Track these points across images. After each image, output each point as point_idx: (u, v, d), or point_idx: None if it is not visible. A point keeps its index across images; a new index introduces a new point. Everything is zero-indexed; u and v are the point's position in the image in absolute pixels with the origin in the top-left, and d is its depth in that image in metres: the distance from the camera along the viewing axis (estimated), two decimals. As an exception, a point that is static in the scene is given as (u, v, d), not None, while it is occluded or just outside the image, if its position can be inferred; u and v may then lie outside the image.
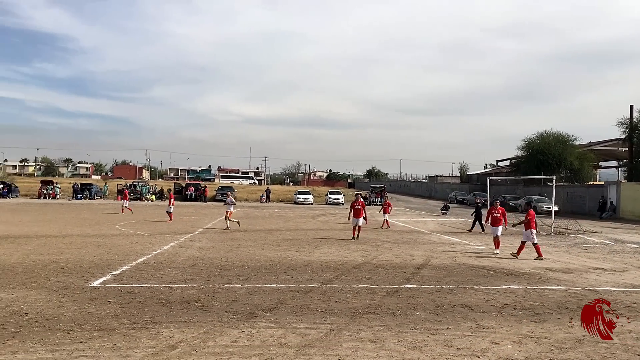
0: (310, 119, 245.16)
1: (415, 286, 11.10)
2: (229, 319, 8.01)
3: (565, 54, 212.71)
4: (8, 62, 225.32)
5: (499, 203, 18.68)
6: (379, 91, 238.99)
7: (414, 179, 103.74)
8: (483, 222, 24.91)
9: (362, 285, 11.04)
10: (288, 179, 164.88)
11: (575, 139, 53.52)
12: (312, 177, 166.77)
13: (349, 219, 21.40)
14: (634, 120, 44.54)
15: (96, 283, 10.66)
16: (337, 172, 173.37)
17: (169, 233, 21.59)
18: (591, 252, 18.09)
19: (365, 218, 20.99)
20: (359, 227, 20.67)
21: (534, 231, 16.12)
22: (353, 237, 20.32)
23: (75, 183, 58.62)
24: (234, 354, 6.36)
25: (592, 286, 11.48)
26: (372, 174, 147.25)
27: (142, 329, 7.37)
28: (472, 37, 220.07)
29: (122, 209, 33.89)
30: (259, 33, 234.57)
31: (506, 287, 11.25)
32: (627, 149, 47.09)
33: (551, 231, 25.00)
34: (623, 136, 46.66)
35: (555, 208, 41.25)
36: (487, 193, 50.26)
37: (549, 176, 29.07)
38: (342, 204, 54.36)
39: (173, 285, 10.56)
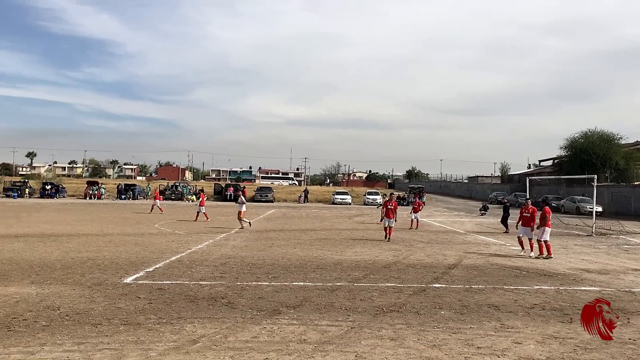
0: (351, 120, 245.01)
1: (444, 286, 11.01)
2: (253, 316, 8.13)
3: (611, 51, 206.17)
4: (59, 67, 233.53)
5: (530, 202, 17.71)
6: (420, 91, 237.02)
7: (454, 180, 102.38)
8: (508, 222, 25.24)
9: (389, 284, 11.01)
10: (328, 180, 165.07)
11: (620, 137, 51.95)
12: (351, 178, 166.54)
13: (380, 220, 21.27)
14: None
15: (129, 280, 10.95)
16: (377, 173, 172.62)
17: (205, 232, 21.97)
18: (632, 253, 17.54)
19: (395, 219, 20.67)
20: (391, 227, 20.46)
21: (547, 229, 15.95)
22: (386, 237, 20.16)
23: (120, 184, 60.20)
24: (252, 349, 6.46)
25: (629, 287, 11.15)
26: (411, 174, 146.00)
27: (167, 323, 7.55)
28: (514, 35, 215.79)
29: (152, 209, 33.94)
30: (299, 35, 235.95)
31: (537, 287, 11.04)
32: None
33: (592, 232, 24.33)
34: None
35: (599, 209, 40.29)
36: (527, 193, 49.37)
37: (589, 175, 28.19)
38: (380, 205, 54.22)
39: (202, 283, 10.76)
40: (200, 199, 29.79)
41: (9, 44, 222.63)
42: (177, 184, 61.29)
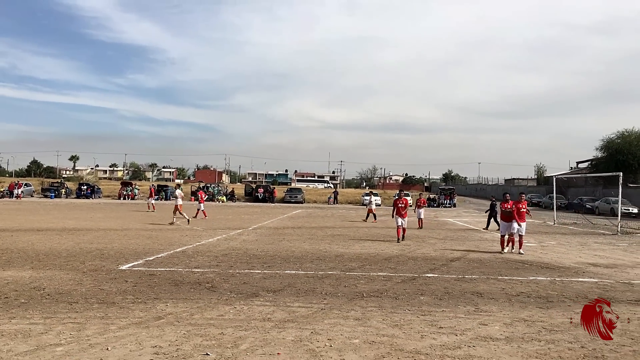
0: (389, 123, 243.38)
1: (437, 275, 10.89)
2: (228, 297, 8.23)
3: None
4: (103, 73, 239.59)
5: (524, 197, 16.51)
6: (460, 94, 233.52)
7: (490, 183, 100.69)
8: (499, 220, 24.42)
9: (381, 274, 10.96)
10: (364, 183, 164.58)
11: (659, 137, 50.19)
12: (387, 181, 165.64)
13: (392, 216, 19.52)
14: None
15: (125, 266, 11.20)
16: (413, 176, 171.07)
17: (222, 228, 22.24)
18: (651, 250, 16.96)
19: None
20: (404, 228, 18.69)
21: (522, 223, 15.65)
22: (398, 239, 18.27)
23: (153, 184, 61.44)
24: (212, 325, 6.55)
25: (629, 280, 10.81)
26: (448, 177, 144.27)
27: (140, 303, 7.72)
28: (558, 35, 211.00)
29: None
30: (338, 38, 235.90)
31: (532, 278, 10.81)
32: None
33: (617, 231, 23.61)
34: None
35: (635, 210, 39.13)
36: (558, 194, 48.21)
37: (616, 173, 27.33)
38: (410, 205, 53.84)
39: (195, 270, 10.93)
40: (200, 197, 30.68)
41: (57, 52, 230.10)
42: (209, 185, 62.16)
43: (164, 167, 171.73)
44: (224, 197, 56.67)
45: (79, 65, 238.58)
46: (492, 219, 25.13)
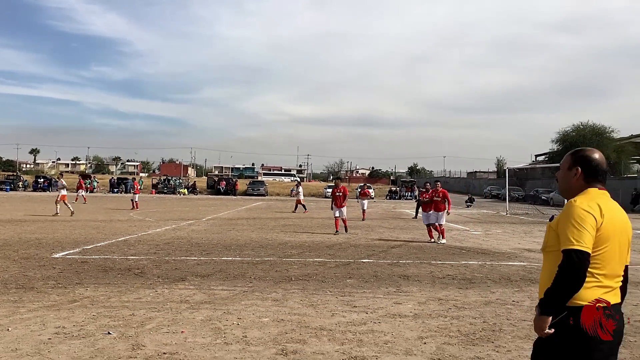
0: (358, 118, 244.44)
1: (372, 261, 11.04)
2: (154, 282, 8.21)
3: (619, 48, 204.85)
4: (68, 66, 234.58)
5: (440, 185, 16.20)
6: (428, 90, 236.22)
7: (454, 176, 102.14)
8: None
9: (318, 260, 11.06)
10: (331, 177, 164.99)
11: (612, 131, 51.59)
12: (354, 175, 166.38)
13: (331, 208, 17.93)
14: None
15: (59, 255, 11.05)
16: (380, 170, 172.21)
17: (175, 219, 22.06)
18: (590, 236, 17.46)
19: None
20: (344, 219, 17.39)
21: (440, 213, 15.33)
22: (336, 231, 17.00)
23: (112, 177, 60.59)
24: (126, 307, 6.54)
25: (557, 263, 11.13)
26: (413, 171, 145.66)
27: (60, 288, 7.65)
28: (525, 32, 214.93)
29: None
30: (308, 34, 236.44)
31: (464, 262, 11.06)
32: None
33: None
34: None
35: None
36: (517, 186, 49.17)
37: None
38: (372, 198, 54.53)
39: (130, 257, 10.85)
40: (135, 187, 31.26)
41: (20, 43, 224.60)
42: (170, 178, 61.56)
43: (128, 161, 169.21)
44: (185, 190, 56.21)
45: (42, 57, 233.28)
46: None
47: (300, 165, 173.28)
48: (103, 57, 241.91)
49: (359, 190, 29.38)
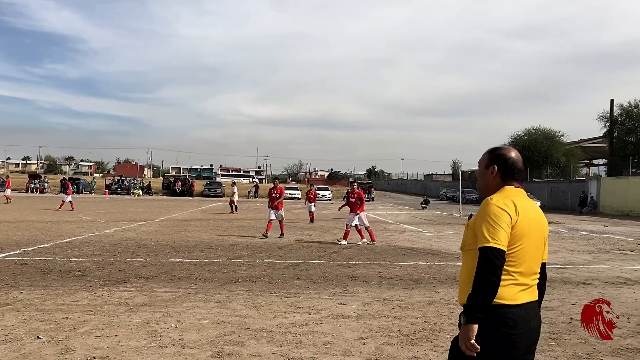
0: (319, 120, 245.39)
1: (322, 262, 11.00)
2: (94, 284, 7.95)
3: (572, 56, 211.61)
4: (20, 63, 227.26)
5: (356, 186, 16.51)
6: (389, 93, 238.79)
7: (411, 178, 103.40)
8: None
9: (268, 261, 10.95)
10: (290, 178, 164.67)
11: (562, 135, 53.15)
12: (313, 177, 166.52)
13: (268, 207, 17.02)
14: (615, 114, 44.13)
15: (-2, 256, 10.62)
16: (339, 172, 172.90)
17: (126, 220, 21.56)
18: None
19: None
20: (280, 221, 16.33)
21: (362, 214, 15.19)
22: (265, 234, 15.76)
23: (63, 177, 58.91)
24: (61, 310, 6.30)
25: (503, 263, 11.31)
26: (372, 173, 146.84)
27: (-7, 290, 7.32)
28: (482, 38, 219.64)
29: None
30: (269, 34, 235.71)
31: (413, 263, 11.13)
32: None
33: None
34: (604, 130, 46.17)
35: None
36: (471, 189, 50.14)
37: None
38: (330, 200, 54.83)
39: (73, 259, 10.52)
40: (68, 188, 30.66)
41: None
42: (124, 178, 60.26)
43: (81, 161, 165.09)
44: (140, 191, 55.11)
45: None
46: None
47: (260, 167, 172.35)
48: (57, 54, 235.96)
49: (306, 193, 29.47)
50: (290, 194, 56.50)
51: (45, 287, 7.63)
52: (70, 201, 28.78)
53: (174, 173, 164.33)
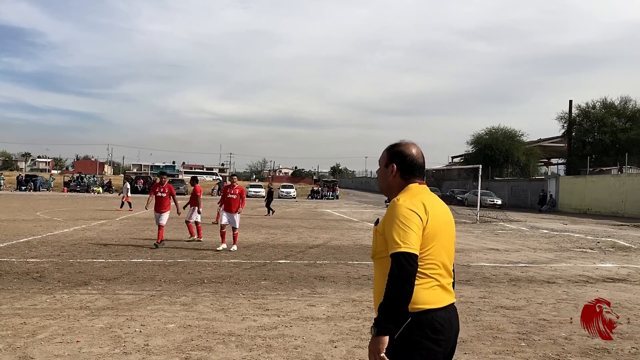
0: (282, 117, 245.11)
1: (289, 261, 10.88)
2: (52, 287, 7.66)
3: (530, 57, 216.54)
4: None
5: (236, 179, 13.81)
6: (352, 91, 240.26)
7: (375, 176, 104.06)
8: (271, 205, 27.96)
9: (233, 261, 10.78)
10: (254, 176, 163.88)
11: (522, 134, 54.31)
12: (277, 174, 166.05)
13: (218, 213, 15.63)
14: (573, 115, 45.28)
15: (-51, 257, 10.16)
16: (303, 170, 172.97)
17: (85, 219, 20.99)
18: (500, 236, 18.16)
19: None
20: (234, 228, 12.82)
21: (195, 208, 14.77)
22: (222, 245, 12.71)
23: (20, 174, 57.23)
24: (18, 315, 6.03)
25: (468, 262, 11.42)
26: (336, 171, 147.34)
27: (-56, 294, 6.96)
28: (442, 39, 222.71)
29: None
30: (233, 31, 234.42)
31: (380, 262, 11.10)
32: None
33: (477, 220, 25.16)
34: (562, 131, 47.33)
35: (499, 201, 41.91)
36: (434, 187, 50.66)
37: (475, 166, 29.18)
38: (294, 198, 54.72)
39: (31, 260, 10.14)
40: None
41: None
42: (83, 175, 58.84)
43: (39, 157, 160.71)
44: (100, 188, 53.91)
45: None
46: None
47: (223, 164, 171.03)
48: (13, 47, 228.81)
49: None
50: (254, 191, 56.25)
51: (0, 290, 7.30)
52: None
53: (135, 170, 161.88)
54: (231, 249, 12.37)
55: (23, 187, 52.00)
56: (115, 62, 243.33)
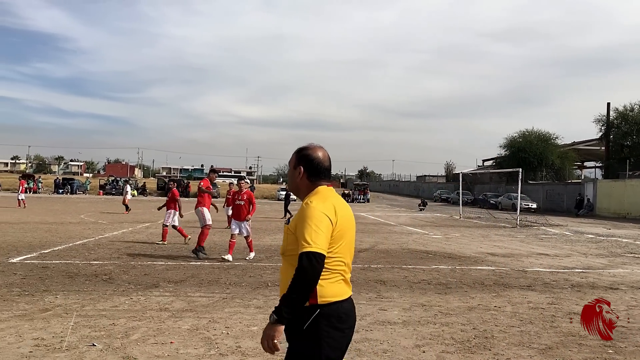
0: (307, 120, 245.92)
1: (343, 265, 10.94)
2: (126, 289, 7.87)
3: (556, 58, 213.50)
4: (6, 61, 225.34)
5: (244, 184, 12.20)
6: (377, 94, 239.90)
7: (403, 179, 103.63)
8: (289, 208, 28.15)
9: (289, 264, 10.88)
10: (281, 179, 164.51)
11: (557, 137, 53.54)
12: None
13: (228, 223, 14.27)
14: (611, 117, 44.51)
15: (16, 259, 10.48)
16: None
17: (130, 222, 21.40)
18: (545, 241, 17.98)
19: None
20: (247, 237, 11.72)
21: (172, 212, 14.89)
22: (227, 256, 11.23)
23: (57, 178, 58.48)
24: (104, 316, 6.22)
25: (523, 267, 11.36)
26: (363, 174, 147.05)
27: (27, 295, 7.22)
28: (468, 41, 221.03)
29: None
30: (256, 35, 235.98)
31: (434, 267, 11.13)
32: (604, 147, 47.06)
33: (517, 224, 24.90)
34: (600, 134, 46.52)
35: (534, 205, 41.41)
36: (465, 190, 50.34)
37: (516, 169, 28.86)
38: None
39: (94, 262, 10.41)
40: (21, 187, 31.55)
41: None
42: (118, 179, 59.83)
43: (71, 161, 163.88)
44: (135, 191, 54.77)
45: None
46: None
47: (250, 167, 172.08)
48: (44, 53, 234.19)
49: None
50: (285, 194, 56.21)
51: (78, 292, 7.53)
52: (23, 199, 29.67)
53: (164, 173, 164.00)
54: (247, 258, 11.46)
55: (60, 190, 53.15)
56: (142, 66, 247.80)
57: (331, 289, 2.55)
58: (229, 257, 11.21)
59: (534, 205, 41.89)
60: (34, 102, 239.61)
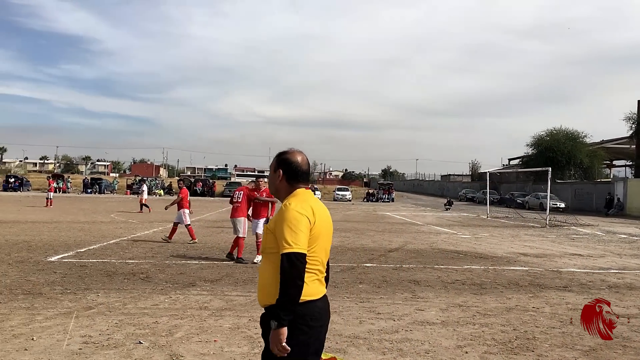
0: (331, 120, 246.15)
1: (375, 265, 10.99)
2: (164, 287, 8.00)
3: (586, 56, 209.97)
4: (35, 63, 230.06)
5: (262, 182, 11.79)
6: (401, 93, 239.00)
7: (427, 179, 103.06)
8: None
9: (321, 264, 10.92)
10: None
11: (585, 136, 52.63)
12: (327, 177, 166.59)
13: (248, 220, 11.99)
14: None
15: (54, 258, 10.71)
16: (353, 172, 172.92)
17: (159, 221, 21.68)
18: (577, 241, 17.75)
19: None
20: (258, 235, 11.29)
21: (187, 211, 14.91)
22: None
23: (86, 177, 59.46)
24: (146, 314, 6.34)
25: (557, 268, 11.25)
26: (387, 173, 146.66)
27: (70, 294, 7.38)
28: (494, 39, 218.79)
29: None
30: (282, 35, 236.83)
31: (467, 267, 11.07)
32: (635, 145, 46.12)
33: (546, 224, 24.60)
34: (630, 132, 45.58)
35: (562, 204, 40.86)
36: (491, 189, 49.80)
37: (544, 168, 28.50)
38: (350, 200, 54.68)
39: (130, 261, 10.58)
40: (50, 186, 32.12)
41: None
42: (145, 179, 60.52)
43: (98, 161, 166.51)
44: (162, 191, 55.44)
45: (8, 54, 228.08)
46: None
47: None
48: (72, 55, 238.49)
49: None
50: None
51: (118, 290, 7.67)
52: (51, 199, 30.48)
53: (189, 173, 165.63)
54: (255, 261, 11.01)
55: (89, 190, 54.03)
56: (168, 67, 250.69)
57: (306, 288, 2.62)
58: (258, 258, 11.01)
59: (562, 205, 41.32)
60: (62, 103, 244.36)
